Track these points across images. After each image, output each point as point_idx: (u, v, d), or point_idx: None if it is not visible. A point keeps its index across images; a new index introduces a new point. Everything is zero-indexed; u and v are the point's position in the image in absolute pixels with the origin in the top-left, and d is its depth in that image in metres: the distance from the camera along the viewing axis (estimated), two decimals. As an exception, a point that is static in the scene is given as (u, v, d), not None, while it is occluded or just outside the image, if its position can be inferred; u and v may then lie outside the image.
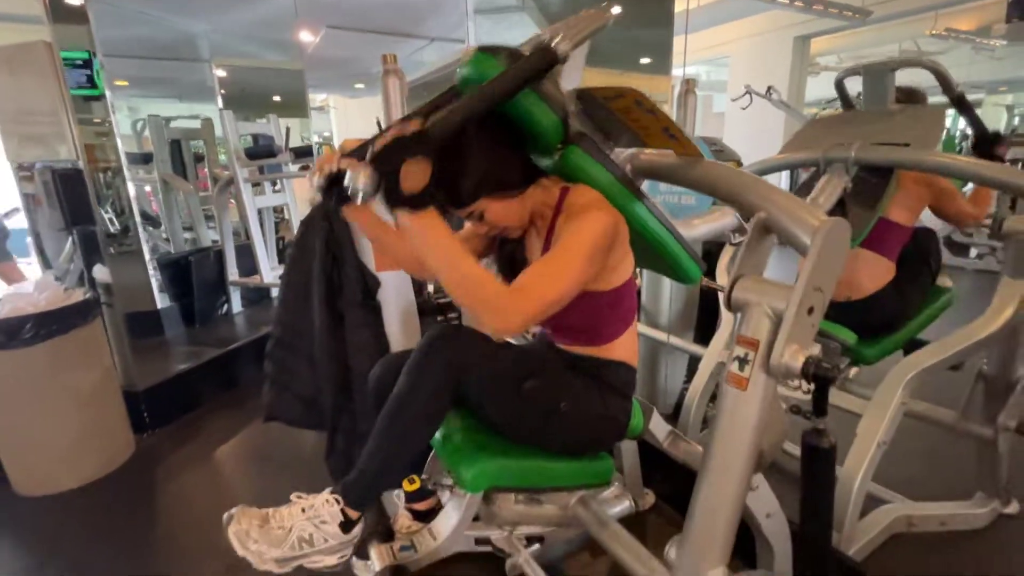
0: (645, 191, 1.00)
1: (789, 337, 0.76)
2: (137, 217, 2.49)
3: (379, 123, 1.79)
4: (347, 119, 9.44)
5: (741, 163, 2.19)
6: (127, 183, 2.39)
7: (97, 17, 2.11)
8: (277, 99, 4.24)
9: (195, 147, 3.83)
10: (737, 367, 0.82)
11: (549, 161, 1.01)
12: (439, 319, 2.13)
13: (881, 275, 1.63)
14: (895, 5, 5.80)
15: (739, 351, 0.82)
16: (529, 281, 0.85)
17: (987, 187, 1.58)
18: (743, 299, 0.83)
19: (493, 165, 0.91)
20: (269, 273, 3.56)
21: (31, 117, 2.11)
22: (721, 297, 0.91)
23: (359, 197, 0.75)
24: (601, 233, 0.90)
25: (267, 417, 1.64)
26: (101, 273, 2.25)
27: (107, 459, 2.02)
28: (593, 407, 1.06)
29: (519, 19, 3.19)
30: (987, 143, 1.62)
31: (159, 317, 2.99)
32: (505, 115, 0.90)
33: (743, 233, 1.11)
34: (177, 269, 3.27)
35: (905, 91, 1.63)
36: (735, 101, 4.42)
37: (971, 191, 1.73)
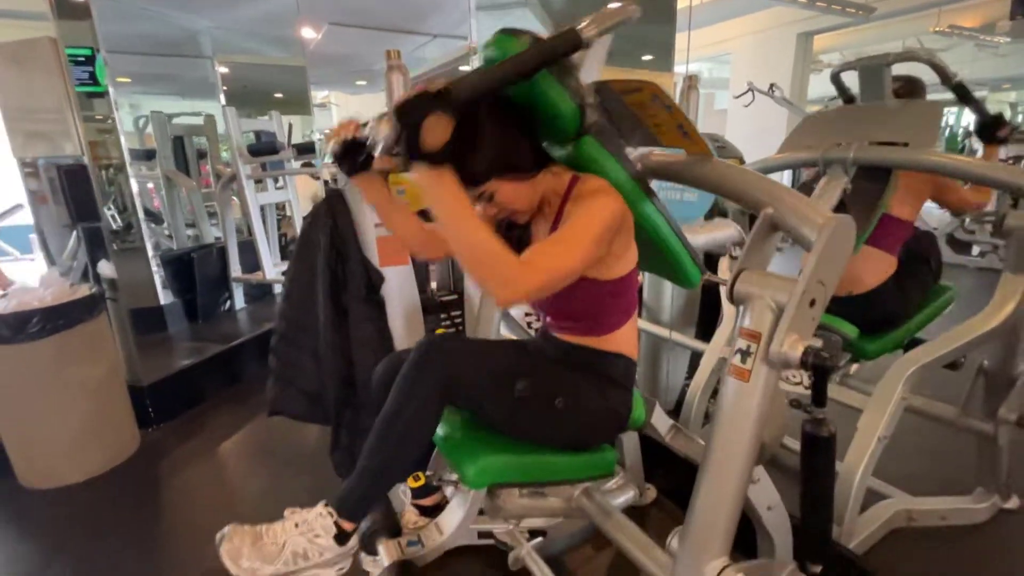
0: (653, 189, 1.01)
1: (790, 327, 0.77)
2: (140, 213, 2.50)
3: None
4: (349, 116, 9.43)
5: (743, 160, 2.19)
6: (130, 180, 2.40)
7: (100, 13, 2.11)
8: (279, 96, 4.24)
9: (198, 144, 3.83)
10: (739, 359, 0.83)
11: (562, 152, 1.01)
12: (442, 316, 2.14)
13: (883, 270, 1.64)
14: (898, 1, 5.79)
15: (741, 343, 0.83)
16: (538, 255, 0.87)
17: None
18: (746, 292, 0.84)
19: (505, 146, 0.92)
20: (271, 269, 3.57)
21: (36, 114, 2.11)
22: (723, 291, 0.92)
23: (378, 148, 0.75)
24: (610, 216, 0.91)
25: (271, 412, 1.65)
26: (106, 269, 2.26)
27: (112, 453, 2.04)
28: (592, 400, 1.07)
29: (522, 15, 3.18)
30: (989, 127, 1.61)
31: (163, 313, 3.01)
32: (518, 103, 0.91)
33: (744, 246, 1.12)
34: (180, 265, 3.28)
35: (904, 80, 1.63)
36: (737, 98, 4.41)
37: None
